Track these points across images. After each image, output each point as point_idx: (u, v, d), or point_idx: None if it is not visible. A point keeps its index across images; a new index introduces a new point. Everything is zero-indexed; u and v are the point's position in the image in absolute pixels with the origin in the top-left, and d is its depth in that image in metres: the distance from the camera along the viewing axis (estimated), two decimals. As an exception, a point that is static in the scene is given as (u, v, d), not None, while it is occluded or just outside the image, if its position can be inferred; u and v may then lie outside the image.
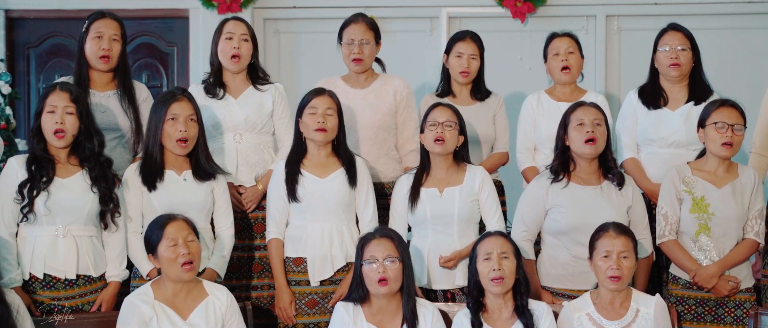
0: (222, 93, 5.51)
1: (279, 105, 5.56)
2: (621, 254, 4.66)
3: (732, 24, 7.67)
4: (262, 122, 5.51)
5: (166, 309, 4.60)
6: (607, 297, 4.71)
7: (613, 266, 4.64)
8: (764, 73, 7.43)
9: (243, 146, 5.49)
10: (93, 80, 5.43)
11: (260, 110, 5.51)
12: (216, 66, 5.55)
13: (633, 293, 4.75)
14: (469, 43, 5.81)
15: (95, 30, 5.40)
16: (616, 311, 4.71)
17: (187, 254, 4.58)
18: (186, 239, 4.62)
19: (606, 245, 4.68)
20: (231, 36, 5.47)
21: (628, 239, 4.71)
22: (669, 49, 5.47)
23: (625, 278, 4.67)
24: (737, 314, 5.02)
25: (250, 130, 5.50)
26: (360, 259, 4.74)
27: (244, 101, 5.50)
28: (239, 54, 5.46)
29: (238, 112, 5.47)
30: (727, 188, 5.01)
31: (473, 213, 5.19)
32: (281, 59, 7.93)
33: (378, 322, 4.73)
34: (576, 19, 7.66)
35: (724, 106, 5.02)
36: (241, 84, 5.55)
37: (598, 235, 4.74)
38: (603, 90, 7.48)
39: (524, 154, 5.76)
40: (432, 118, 5.15)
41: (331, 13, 7.54)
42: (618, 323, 4.68)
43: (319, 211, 5.15)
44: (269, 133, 5.58)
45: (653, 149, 5.53)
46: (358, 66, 5.65)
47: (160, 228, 4.63)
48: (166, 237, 4.60)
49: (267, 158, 5.53)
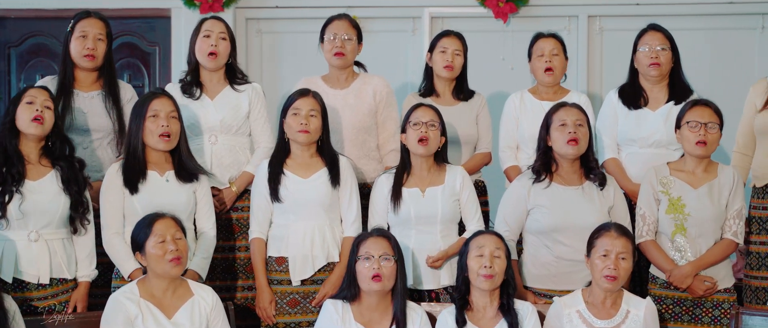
0: (198, 93, 5.49)
1: (255, 106, 5.55)
2: (619, 255, 4.67)
3: (712, 25, 7.69)
4: (237, 124, 5.50)
5: (151, 308, 4.60)
6: (600, 296, 4.73)
7: (611, 266, 4.65)
8: (744, 73, 7.45)
9: (217, 148, 5.48)
10: (78, 80, 5.43)
11: (236, 112, 5.50)
12: (193, 65, 5.54)
13: (624, 294, 4.77)
14: (453, 39, 5.82)
15: (80, 29, 5.40)
16: (606, 310, 4.72)
17: (175, 251, 4.59)
18: (174, 237, 4.62)
19: (606, 245, 4.69)
20: (209, 34, 5.46)
21: (628, 242, 4.73)
22: (649, 49, 5.49)
23: (621, 279, 4.69)
24: (715, 314, 5.03)
25: (226, 132, 5.49)
26: (354, 255, 4.75)
27: (220, 103, 5.49)
28: (216, 52, 5.45)
29: (213, 113, 5.46)
30: (704, 189, 5.02)
31: (455, 213, 5.20)
32: (263, 59, 7.91)
33: (366, 322, 4.73)
34: (558, 20, 7.67)
35: (697, 106, 5.05)
36: (218, 84, 5.54)
37: (598, 233, 4.76)
38: (585, 90, 7.49)
39: (507, 154, 5.77)
40: (415, 118, 5.16)
41: (313, 13, 7.53)
42: (607, 323, 4.69)
43: (301, 211, 5.15)
44: (245, 135, 5.56)
45: (634, 149, 5.55)
46: (340, 60, 5.64)
47: (149, 226, 4.63)
48: (154, 234, 4.60)
49: (242, 160, 5.52)
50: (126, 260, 4.93)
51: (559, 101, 5.28)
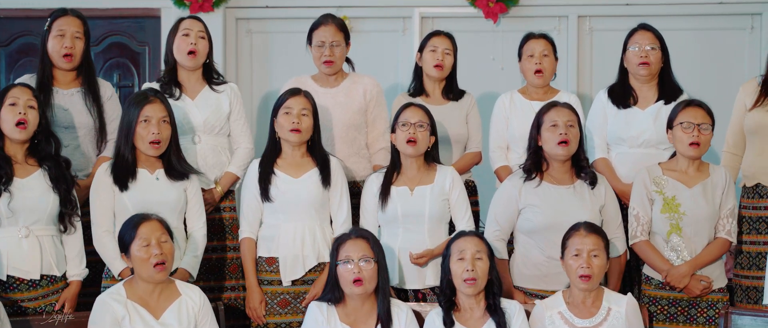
0: (178, 93, 5.47)
1: (235, 106, 5.55)
2: (591, 253, 4.68)
3: (702, 25, 7.70)
4: (220, 124, 5.49)
5: (138, 308, 4.58)
6: (579, 296, 4.73)
7: (584, 265, 4.66)
8: (734, 73, 7.46)
9: (202, 148, 5.47)
10: (56, 78, 5.41)
11: (218, 112, 5.49)
12: (171, 64, 5.52)
13: (605, 292, 4.77)
14: (443, 38, 5.82)
15: (57, 28, 5.37)
16: (587, 309, 4.72)
17: (159, 255, 4.57)
18: (159, 240, 4.60)
19: (576, 244, 4.70)
20: (188, 33, 5.44)
21: (598, 238, 4.73)
22: (638, 48, 5.50)
23: (596, 276, 4.69)
24: (710, 314, 5.04)
25: (209, 132, 5.48)
26: (335, 259, 4.74)
27: (202, 103, 5.48)
28: (196, 50, 5.43)
29: (196, 113, 5.45)
30: (698, 188, 5.03)
31: (444, 212, 5.20)
32: (253, 59, 7.90)
33: (352, 322, 4.73)
34: (548, 20, 7.67)
35: (689, 107, 5.06)
36: (197, 84, 5.53)
37: (569, 234, 4.76)
38: (575, 90, 7.49)
39: (497, 154, 5.77)
40: (404, 119, 5.15)
41: (303, 12, 7.51)
42: (589, 322, 4.70)
43: (291, 211, 5.15)
44: (226, 135, 5.56)
45: (623, 149, 5.55)
46: (330, 68, 5.65)
47: (134, 228, 4.62)
48: (139, 237, 4.58)
49: (224, 160, 5.52)
50: (116, 258, 4.91)
51: (550, 101, 5.28)
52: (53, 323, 4.80)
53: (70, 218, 4.93)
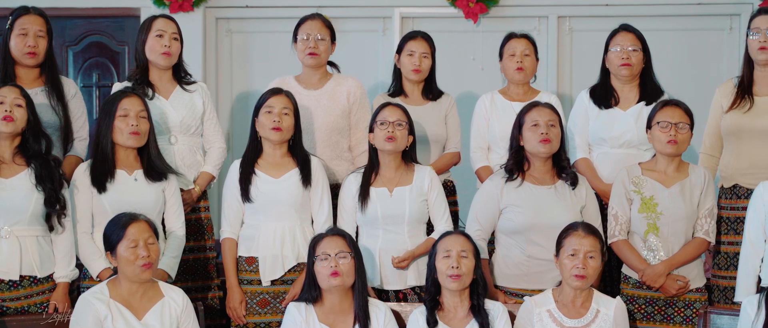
0: (151, 93, 5.45)
1: (208, 106, 5.55)
2: (588, 254, 4.69)
3: (683, 25, 7.73)
4: (195, 124, 5.49)
5: (121, 308, 4.57)
6: (570, 296, 4.74)
7: (579, 265, 4.67)
8: (713, 73, 7.50)
9: (179, 148, 5.46)
10: (19, 77, 5.37)
11: (193, 112, 5.48)
12: (142, 64, 5.49)
13: (594, 293, 4.79)
14: (420, 41, 5.82)
15: (20, 26, 5.35)
16: (576, 310, 4.73)
17: (146, 257, 4.56)
18: (147, 241, 4.59)
19: (573, 244, 4.71)
20: (161, 34, 5.42)
21: (596, 240, 4.74)
22: (620, 50, 5.52)
23: (590, 277, 4.70)
24: (687, 313, 5.06)
25: (185, 132, 5.47)
26: (312, 256, 4.74)
27: (177, 103, 5.47)
28: (170, 52, 5.42)
29: (172, 113, 5.44)
30: (676, 188, 5.05)
31: (423, 213, 5.20)
32: (234, 59, 7.88)
33: (330, 322, 4.72)
34: (528, 20, 7.68)
35: (667, 106, 5.09)
36: (168, 84, 5.51)
37: (566, 233, 4.77)
38: (555, 90, 7.51)
39: (478, 154, 5.77)
40: (382, 118, 5.16)
41: (284, 12, 7.51)
42: (578, 322, 4.71)
43: (272, 211, 5.14)
44: (200, 135, 5.55)
45: (605, 149, 5.57)
46: (313, 60, 5.64)
47: (122, 228, 4.60)
48: (126, 238, 4.56)
49: (200, 160, 5.52)
50: (95, 259, 4.91)
51: (532, 101, 5.29)
52: (53, 323, 4.78)
53: (58, 218, 4.90)
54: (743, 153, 5.30)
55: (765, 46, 5.24)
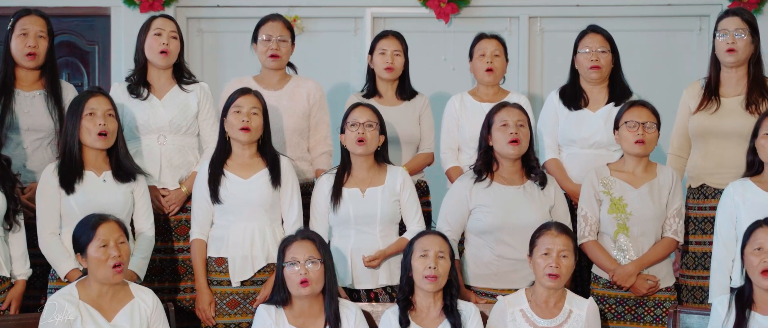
0: (146, 93, 5.44)
1: (204, 106, 5.53)
2: (561, 253, 4.70)
3: (651, 26, 7.77)
4: (186, 124, 5.47)
5: (90, 310, 4.54)
6: (543, 295, 4.75)
7: (552, 264, 4.68)
8: (683, 74, 7.54)
9: (167, 148, 5.44)
10: (19, 79, 5.37)
11: (185, 112, 5.46)
12: (141, 63, 5.49)
13: (567, 294, 4.80)
14: (391, 39, 5.83)
15: (21, 27, 5.35)
16: (549, 310, 4.75)
17: (117, 257, 4.53)
18: (117, 242, 4.56)
19: (547, 243, 4.72)
20: (160, 32, 5.42)
21: (568, 239, 4.76)
22: (589, 51, 5.53)
23: (563, 277, 4.71)
24: (657, 312, 5.08)
25: (175, 132, 5.45)
26: (282, 261, 4.73)
27: (169, 102, 5.45)
28: (168, 50, 5.41)
29: (162, 113, 5.42)
30: (645, 188, 5.08)
31: (395, 213, 5.20)
32: (204, 59, 7.87)
33: (300, 324, 4.71)
34: (499, 21, 7.70)
35: (634, 106, 5.11)
36: (166, 83, 5.50)
37: (539, 233, 4.78)
38: (526, 91, 7.54)
39: (448, 155, 5.78)
40: (352, 119, 5.15)
41: (254, 12, 7.43)
42: (550, 322, 4.72)
43: (241, 212, 5.13)
44: (194, 135, 5.53)
45: (574, 150, 5.59)
46: (275, 62, 5.64)
47: (92, 229, 4.56)
48: (97, 238, 4.53)
49: (191, 160, 5.49)
50: (63, 260, 4.89)
51: (501, 101, 5.30)
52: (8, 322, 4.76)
53: (14, 216, 4.88)
54: (710, 154, 5.33)
55: (732, 47, 5.27)
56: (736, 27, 5.27)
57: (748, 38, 5.27)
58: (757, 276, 4.46)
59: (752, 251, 4.48)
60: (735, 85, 5.35)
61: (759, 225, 4.52)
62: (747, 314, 4.50)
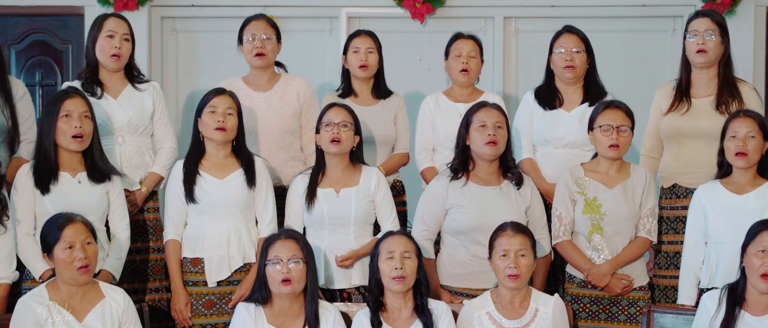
0: (100, 92, 5.41)
1: (158, 105, 5.51)
2: (519, 253, 4.71)
3: (626, 27, 7.79)
4: (144, 124, 5.45)
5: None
6: (507, 296, 4.76)
7: (511, 265, 4.69)
8: (657, 74, 7.56)
9: (126, 148, 5.42)
10: None
11: (142, 112, 5.44)
12: (92, 63, 5.45)
13: (532, 292, 4.81)
14: (364, 38, 5.83)
15: None
16: (515, 310, 4.76)
17: (83, 258, 4.51)
18: (83, 243, 4.54)
19: (504, 244, 4.73)
20: (112, 34, 5.38)
21: (525, 238, 4.77)
22: (564, 52, 5.55)
23: (524, 276, 4.72)
24: (631, 312, 5.11)
25: (133, 132, 5.43)
26: (264, 259, 4.72)
27: (126, 102, 5.43)
28: (120, 54, 5.38)
29: (120, 113, 5.39)
30: (619, 188, 5.10)
31: (369, 214, 5.21)
32: (179, 58, 7.83)
33: (279, 324, 4.71)
34: (474, 21, 7.70)
35: (608, 109, 5.12)
36: (119, 83, 5.47)
37: (496, 234, 4.80)
38: (500, 91, 7.55)
39: (423, 155, 5.79)
40: (327, 119, 5.15)
41: (230, 12, 7.48)
42: (517, 322, 4.73)
43: (217, 212, 5.12)
44: (149, 135, 5.52)
45: (549, 150, 5.61)
46: (261, 60, 5.62)
47: (58, 230, 4.55)
48: (63, 239, 4.52)
49: (148, 160, 5.48)
50: (37, 261, 4.87)
51: (480, 101, 5.30)
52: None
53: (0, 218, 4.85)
54: (682, 154, 5.36)
55: (702, 48, 5.30)
56: (706, 28, 5.30)
57: (718, 39, 5.30)
58: (757, 278, 4.45)
59: (755, 252, 4.46)
60: (706, 86, 5.38)
61: (766, 227, 4.49)
62: (737, 312, 4.50)
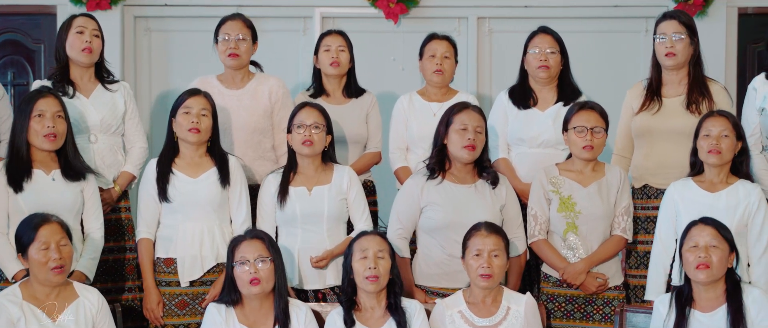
0: (72, 91, 5.39)
1: (129, 105, 5.51)
2: (492, 253, 4.72)
3: (599, 28, 7.82)
4: (115, 124, 5.44)
5: (34, 310, 4.51)
6: (479, 295, 4.77)
7: (484, 265, 4.70)
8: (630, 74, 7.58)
9: (99, 147, 5.41)
10: None
11: (114, 111, 5.44)
12: (63, 62, 5.43)
13: (504, 291, 4.82)
14: (335, 36, 5.84)
15: None
16: (487, 308, 4.77)
17: (58, 259, 4.49)
18: (58, 243, 4.52)
19: (477, 244, 4.74)
20: (82, 30, 5.38)
21: (499, 238, 4.78)
22: (538, 52, 5.57)
23: (496, 276, 4.73)
24: (606, 311, 5.12)
25: (105, 132, 5.42)
26: (231, 261, 4.71)
27: (98, 102, 5.41)
28: (91, 48, 5.37)
29: (93, 113, 5.38)
30: (593, 187, 5.11)
31: (342, 212, 5.21)
32: (152, 58, 7.80)
33: (250, 324, 4.70)
34: (448, 21, 7.71)
35: (583, 110, 5.14)
36: (90, 83, 5.46)
37: (470, 234, 4.80)
38: (474, 91, 7.56)
39: (397, 155, 5.79)
40: (299, 120, 5.15)
41: (203, 12, 7.46)
42: (489, 321, 4.74)
43: (190, 211, 5.11)
44: (120, 135, 5.51)
45: (523, 149, 5.62)
46: (235, 61, 5.60)
47: (33, 230, 4.53)
48: (38, 240, 4.50)
49: (120, 160, 5.48)
50: (10, 260, 4.84)
51: (463, 102, 5.28)
52: None
53: None
54: (653, 154, 5.39)
55: (671, 50, 5.33)
56: (675, 30, 5.33)
57: (687, 40, 5.34)
58: (693, 271, 4.54)
59: (688, 249, 4.57)
60: (676, 85, 5.42)
61: (694, 224, 4.63)
62: (687, 312, 4.58)
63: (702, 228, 4.58)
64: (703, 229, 4.58)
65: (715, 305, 4.57)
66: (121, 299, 5.30)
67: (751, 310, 4.52)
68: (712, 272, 4.52)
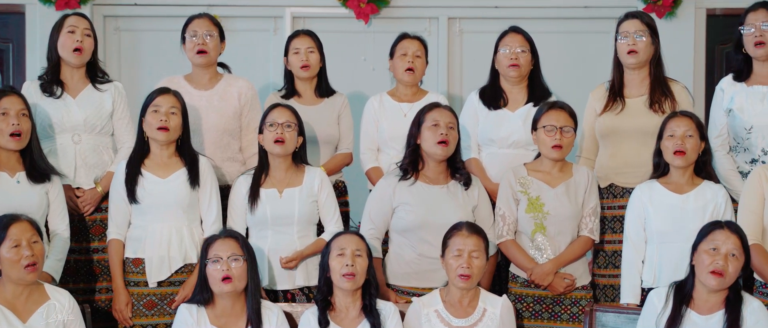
0: (60, 91, 5.38)
1: (119, 105, 5.48)
2: (472, 253, 4.73)
3: (570, 28, 7.85)
4: (101, 123, 5.41)
5: (4, 312, 4.48)
6: (456, 295, 4.78)
7: (464, 265, 4.71)
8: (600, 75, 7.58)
9: (82, 147, 5.38)
10: None
11: (100, 111, 5.41)
12: (54, 62, 5.42)
13: (481, 292, 4.83)
14: (304, 38, 5.82)
15: None
16: (464, 309, 4.77)
17: (30, 256, 4.47)
18: (30, 241, 4.50)
19: (458, 244, 4.75)
20: (73, 30, 5.36)
21: (479, 239, 4.78)
22: (509, 51, 5.58)
23: (475, 277, 4.74)
24: (573, 311, 5.14)
25: (90, 131, 5.39)
26: (204, 259, 4.70)
27: (83, 101, 5.39)
28: (82, 47, 5.36)
29: (76, 112, 5.36)
30: (561, 187, 5.13)
31: (313, 214, 5.21)
32: (122, 58, 7.78)
33: (222, 324, 4.70)
34: (419, 21, 7.72)
35: (552, 110, 5.15)
36: (80, 82, 5.44)
37: (450, 233, 4.81)
38: (445, 91, 7.57)
39: (368, 155, 5.79)
40: (271, 119, 5.14)
41: (173, 11, 7.44)
42: (465, 321, 4.75)
43: (159, 211, 5.09)
44: (108, 134, 5.48)
45: (493, 150, 5.63)
46: (203, 58, 5.58)
47: (3, 229, 4.50)
48: (8, 238, 4.47)
49: (106, 160, 5.45)
50: (-23, 262, 4.80)
51: (433, 102, 5.31)
52: None
53: None
54: (617, 153, 5.41)
55: (633, 49, 5.37)
56: (636, 29, 5.37)
57: (648, 40, 5.37)
58: (706, 275, 4.45)
59: (706, 250, 4.47)
60: (638, 85, 5.45)
61: (719, 226, 4.52)
62: (683, 310, 4.53)
63: (728, 235, 4.47)
64: (729, 236, 4.46)
65: (713, 308, 4.51)
66: (90, 300, 5.26)
67: (748, 320, 4.44)
68: (725, 281, 4.45)
